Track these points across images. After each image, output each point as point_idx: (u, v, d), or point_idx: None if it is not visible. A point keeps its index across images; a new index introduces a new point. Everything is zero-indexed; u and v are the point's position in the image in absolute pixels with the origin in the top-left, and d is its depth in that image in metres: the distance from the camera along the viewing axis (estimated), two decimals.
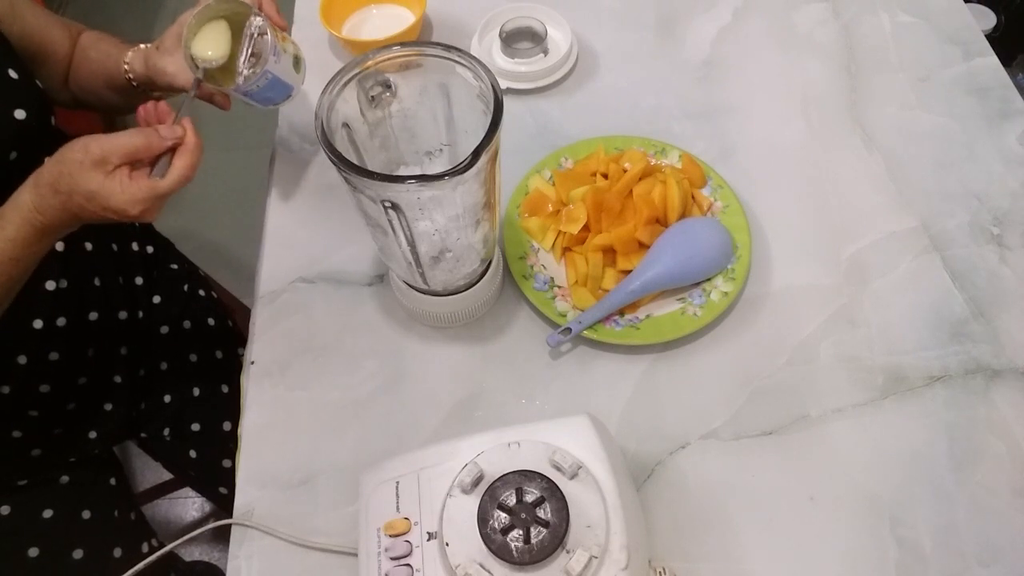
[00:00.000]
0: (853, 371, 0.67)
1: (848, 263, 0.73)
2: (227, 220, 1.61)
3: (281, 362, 0.70)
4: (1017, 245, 0.74)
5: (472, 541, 0.48)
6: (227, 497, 0.64)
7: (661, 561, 0.58)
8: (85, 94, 0.76)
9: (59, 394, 0.74)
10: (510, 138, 0.81)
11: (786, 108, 0.85)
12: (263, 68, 0.65)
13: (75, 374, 0.75)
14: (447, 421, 0.66)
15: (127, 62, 0.70)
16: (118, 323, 0.80)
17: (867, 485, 0.62)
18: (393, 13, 0.91)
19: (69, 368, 0.74)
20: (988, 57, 0.88)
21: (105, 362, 0.79)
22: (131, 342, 0.82)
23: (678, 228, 0.72)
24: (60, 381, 0.73)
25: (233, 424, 0.89)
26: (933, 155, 0.80)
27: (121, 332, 0.80)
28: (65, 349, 0.72)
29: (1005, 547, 0.59)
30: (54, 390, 0.73)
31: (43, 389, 0.72)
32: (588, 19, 0.92)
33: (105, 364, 0.79)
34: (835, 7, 0.93)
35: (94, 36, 0.75)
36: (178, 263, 0.93)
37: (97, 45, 0.74)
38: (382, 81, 0.56)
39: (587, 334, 0.67)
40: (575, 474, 0.50)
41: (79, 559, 0.77)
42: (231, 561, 0.60)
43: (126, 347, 0.81)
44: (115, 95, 0.74)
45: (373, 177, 0.49)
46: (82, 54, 0.74)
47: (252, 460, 0.65)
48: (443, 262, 0.62)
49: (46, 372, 0.72)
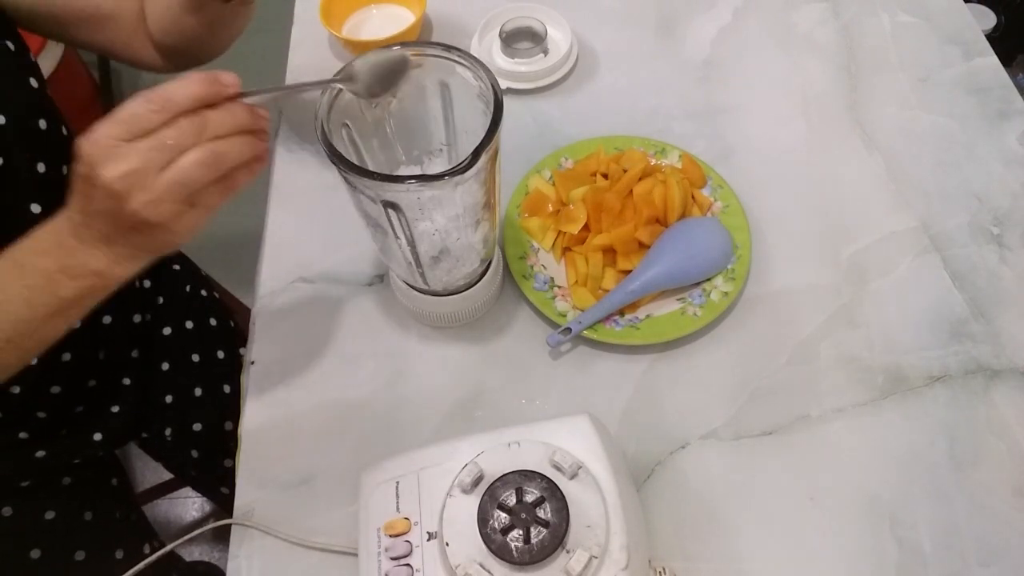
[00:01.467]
0: (853, 371, 0.67)
1: (848, 263, 0.73)
2: (227, 220, 1.61)
3: (281, 362, 0.70)
4: (1017, 245, 0.74)
5: (472, 541, 0.48)
6: (228, 497, 0.64)
7: (661, 561, 0.58)
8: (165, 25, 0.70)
9: (68, 396, 0.74)
10: (510, 138, 0.81)
11: (786, 108, 0.85)
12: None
13: (86, 376, 0.75)
14: (447, 421, 0.66)
15: None
16: (131, 325, 0.80)
17: (867, 485, 0.62)
18: (393, 13, 0.91)
19: (80, 370, 0.74)
20: (988, 57, 0.88)
21: (115, 364, 0.79)
22: (140, 344, 0.82)
23: (678, 228, 0.72)
24: (71, 383, 0.73)
25: (235, 424, 0.89)
26: (933, 155, 0.80)
27: (132, 334, 0.80)
28: (76, 351, 0.72)
29: (1005, 547, 0.59)
30: (64, 391, 0.73)
31: (54, 390, 0.72)
32: (588, 19, 0.92)
33: (116, 366, 0.79)
34: (835, 7, 0.93)
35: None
36: (180, 264, 0.93)
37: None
38: None
39: (587, 334, 0.67)
40: (575, 474, 0.50)
41: (81, 560, 0.77)
42: (231, 561, 0.61)
43: (137, 350, 0.81)
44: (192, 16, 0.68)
45: (373, 177, 0.49)
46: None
47: (252, 460, 0.65)
48: (443, 262, 0.62)
49: (58, 373, 0.72)
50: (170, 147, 0.43)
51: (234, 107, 0.45)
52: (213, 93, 0.44)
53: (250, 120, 0.46)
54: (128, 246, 0.47)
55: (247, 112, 0.46)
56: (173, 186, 0.43)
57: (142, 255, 0.48)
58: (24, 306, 0.48)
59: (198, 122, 0.43)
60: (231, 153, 0.44)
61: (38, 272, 0.48)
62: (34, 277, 0.48)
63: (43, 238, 0.48)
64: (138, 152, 0.42)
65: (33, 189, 0.63)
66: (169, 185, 0.43)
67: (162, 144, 0.42)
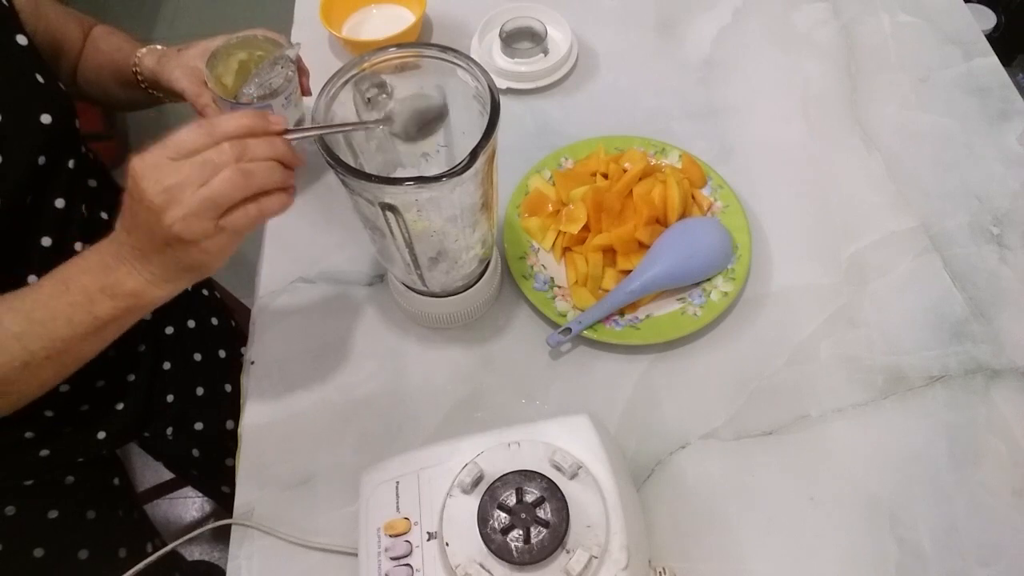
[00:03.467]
0: (853, 371, 0.67)
1: (848, 263, 0.73)
2: None
3: (281, 362, 0.70)
4: (1017, 245, 0.74)
5: (472, 541, 0.48)
6: (230, 496, 0.64)
7: (661, 561, 0.58)
8: (90, 86, 0.77)
9: (77, 394, 0.74)
10: (510, 138, 0.82)
11: (786, 108, 0.85)
12: (267, 103, 0.67)
13: (96, 376, 0.75)
14: (447, 421, 0.66)
15: (138, 57, 0.72)
16: (141, 323, 0.80)
17: (867, 485, 0.62)
18: (393, 13, 0.91)
19: (90, 369, 0.74)
20: (988, 57, 0.88)
21: (123, 362, 0.79)
22: (147, 343, 0.82)
23: (678, 228, 0.72)
24: (81, 382, 0.73)
25: (236, 423, 0.89)
26: (933, 155, 0.80)
27: (140, 331, 0.80)
28: None
29: (1005, 547, 0.59)
30: (72, 390, 0.73)
31: (63, 389, 0.72)
32: (588, 19, 0.92)
33: (123, 364, 0.79)
34: (835, 7, 0.93)
35: (106, 29, 0.77)
36: None
37: (108, 38, 0.76)
38: (378, 83, 0.56)
39: (587, 334, 0.67)
40: (575, 474, 0.50)
41: (84, 559, 0.77)
42: (231, 561, 0.61)
43: (144, 345, 0.82)
44: (119, 90, 0.75)
45: (370, 179, 0.49)
46: (92, 45, 0.76)
47: (252, 460, 0.65)
48: (441, 263, 0.62)
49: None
50: (209, 165, 0.45)
51: (274, 139, 0.48)
52: (261, 127, 0.47)
53: (287, 154, 0.48)
54: (162, 266, 0.49)
55: (286, 146, 0.48)
56: (204, 202, 0.45)
57: (177, 278, 0.50)
58: (65, 324, 0.50)
59: (239, 146, 0.46)
60: (260, 174, 0.46)
61: (80, 290, 0.50)
62: (76, 295, 0.50)
63: (89, 257, 0.50)
64: (179, 169, 0.45)
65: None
66: (201, 201, 0.45)
67: (202, 162, 0.45)
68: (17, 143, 0.60)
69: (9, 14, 0.63)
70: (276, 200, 0.48)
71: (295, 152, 0.49)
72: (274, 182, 0.47)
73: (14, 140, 0.60)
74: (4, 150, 0.59)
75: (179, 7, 2.18)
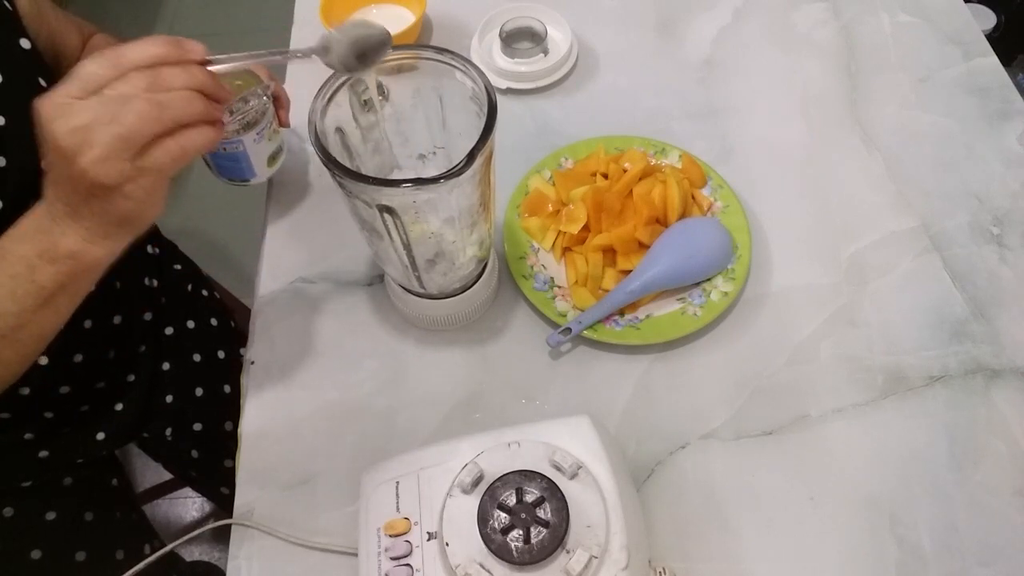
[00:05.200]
0: (853, 371, 0.67)
1: (848, 263, 0.73)
2: (227, 220, 1.61)
3: (281, 362, 0.70)
4: (1017, 245, 0.74)
5: (472, 541, 0.48)
6: (228, 497, 0.64)
7: (661, 561, 0.58)
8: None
9: (76, 396, 0.74)
10: (510, 138, 0.81)
11: (786, 108, 0.85)
12: (240, 138, 0.67)
13: (96, 377, 0.75)
14: (447, 421, 0.66)
15: None
16: (141, 323, 0.80)
17: (867, 485, 0.62)
18: (393, 13, 0.91)
19: (91, 370, 0.74)
20: (988, 57, 0.88)
21: (123, 362, 0.79)
22: (147, 343, 0.82)
23: (678, 228, 0.72)
24: (80, 383, 0.73)
25: (235, 424, 0.89)
26: (933, 155, 0.80)
27: (141, 334, 0.80)
28: (88, 352, 0.72)
29: (1005, 547, 0.59)
30: (72, 391, 0.73)
31: (63, 390, 0.72)
32: (588, 19, 0.92)
33: (123, 366, 0.79)
34: (835, 7, 0.93)
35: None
36: (181, 264, 0.93)
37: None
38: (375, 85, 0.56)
39: (587, 334, 0.67)
40: (575, 474, 0.50)
41: (82, 561, 0.77)
42: (231, 561, 0.61)
43: (144, 345, 0.81)
44: None
45: (367, 181, 0.49)
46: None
47: (252, 460, 0.65)
48: (439, 265, 0.62)
49: (68, 374, 0.72)
50: (118, 99, 0.41)
51: (191, 67, 0.43)
52: (174, 55, 0.43)
53: (208, 83, 0.44)
54: (93, 218, 0.45)
55: (205, 74, 0.44)
56: (116, 140, 0.41)
57: (113, 233, 0.46)
58: (9, 299, 0.47)
59: (149, 75, 0.41)
60: (175, 105, 0.42)
61: (18, 259, 0.46)
62: (15, 266, 0.47)
63: (24, 223, 0.47)
64: (86, 107, 0.41)
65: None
66: (112, 139, 0.41)
67: (111, 97, 0.41)
68: (20, 146, 0.60)
69: (12, 17, 0.63)
70: (199, 134, 0.43)
71: (220, 83, 0.45)
72: (194, 113, 0.43)
73: (17, 143, 0.60)
74: (6, 153, 0.59)
75: (179, 7, 2.18)
